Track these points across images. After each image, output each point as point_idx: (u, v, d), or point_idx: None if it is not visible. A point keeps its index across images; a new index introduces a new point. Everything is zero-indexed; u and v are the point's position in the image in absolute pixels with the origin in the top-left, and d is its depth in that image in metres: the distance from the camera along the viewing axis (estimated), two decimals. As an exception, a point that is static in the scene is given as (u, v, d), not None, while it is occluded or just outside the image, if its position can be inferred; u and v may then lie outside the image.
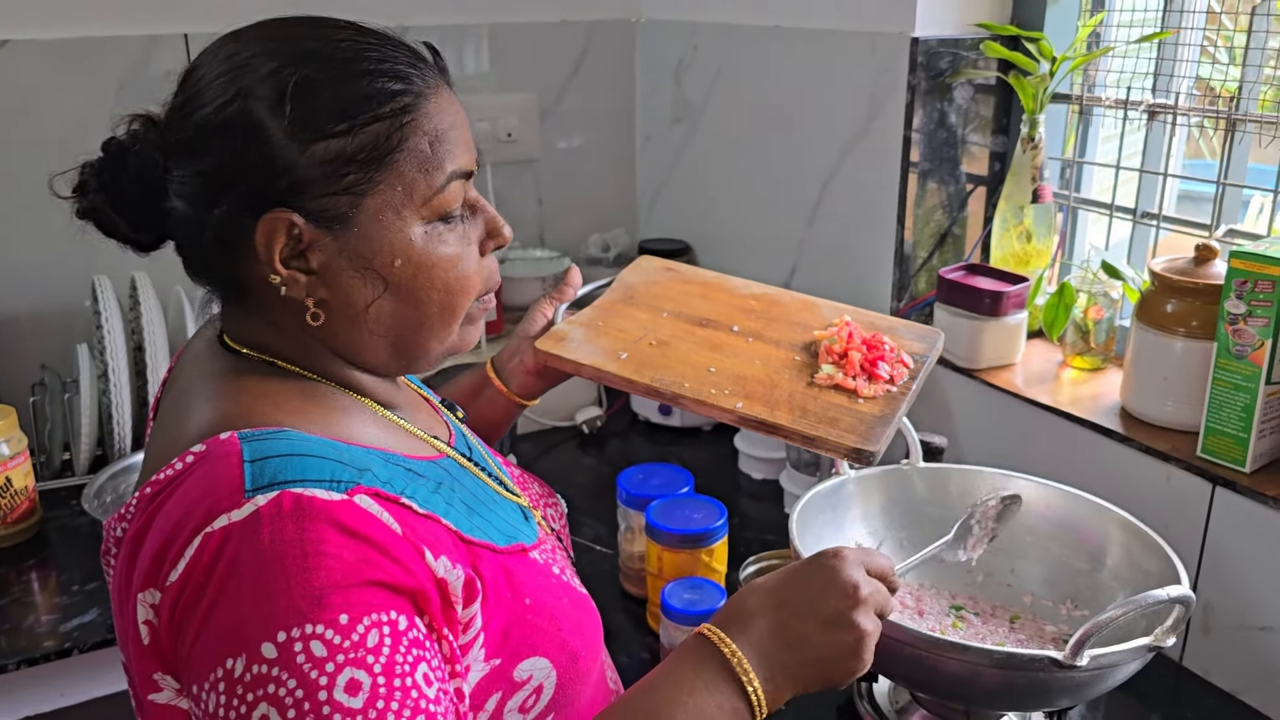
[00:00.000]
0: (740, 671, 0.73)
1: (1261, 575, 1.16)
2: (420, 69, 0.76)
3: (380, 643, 0.63)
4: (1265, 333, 1.13)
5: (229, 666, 0.61)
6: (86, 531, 1.47)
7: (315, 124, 0.70)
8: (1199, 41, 1.43)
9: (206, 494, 0.66)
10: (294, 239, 0.72)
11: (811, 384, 1.03)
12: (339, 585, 0.63)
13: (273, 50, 0.72)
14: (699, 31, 1.98)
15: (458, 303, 0.78)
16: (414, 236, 0.74)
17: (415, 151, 0.73)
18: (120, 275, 1.68)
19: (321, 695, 0.60)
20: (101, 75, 1.71)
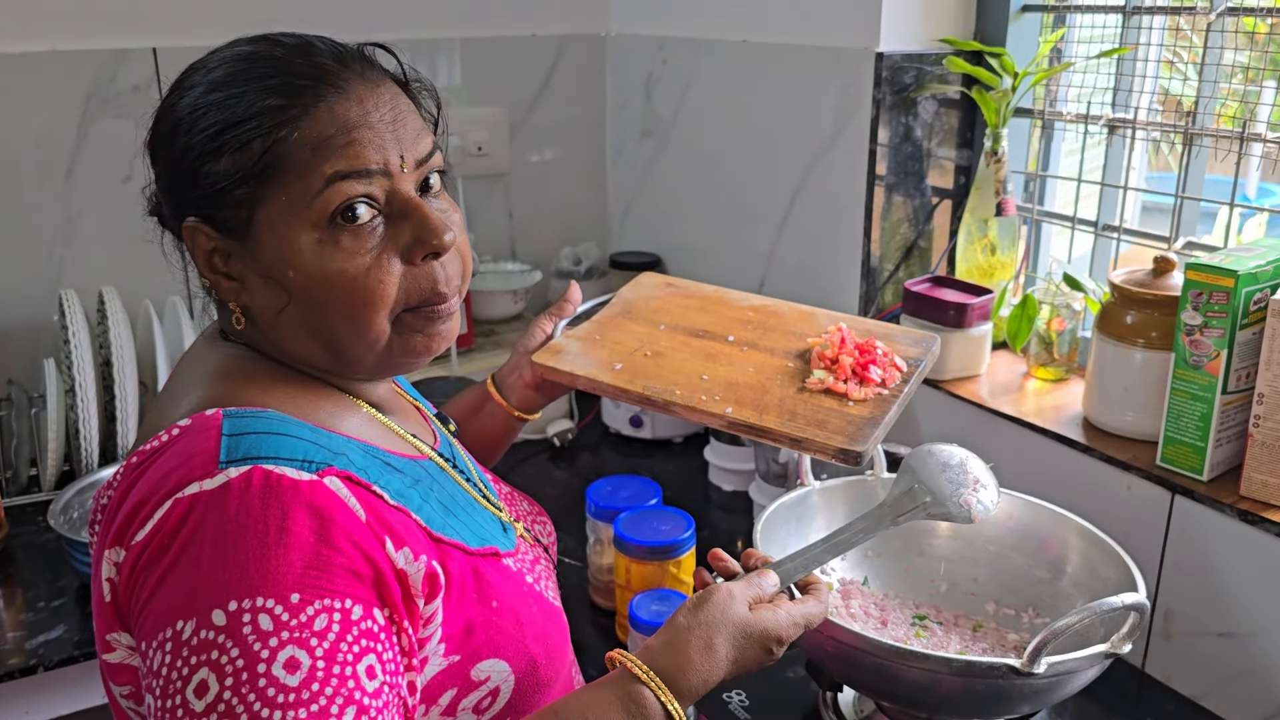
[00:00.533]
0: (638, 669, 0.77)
1: (1220, 582, 1.18)
2: (324, 76, 0.75)
3: (328, 627, 0.64)
4: (1221, 344, 1.15)
5: (178, 628, 0.63)
6: (53, 548, 1.46)
7: (205, 146, 0.74)
8: (1158, 58, 1.45)
9: (183, 462, 0.69)
10: (213, 246, 0.77)
11: (803, 389, 1.04)
12: (296, 565, 0.65)
13: (187, 78, 0.78)
14: (668, 46, 1.99)
15: (361, 315, 0.76)
16: (304, 246, 0.74)
17: (295, 162, 0.74)
18: (88, 290, 1.68)
19: (260, 668, 0.62)
20: (70, 89, 1.71)
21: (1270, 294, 1.14)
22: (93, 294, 1.67)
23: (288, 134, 0.74)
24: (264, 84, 0.75)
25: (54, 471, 1.58)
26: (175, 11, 1.76)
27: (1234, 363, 1.16)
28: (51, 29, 1.69)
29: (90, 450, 1.56)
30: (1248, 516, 1.14)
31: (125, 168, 1.71)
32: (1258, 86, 1.33)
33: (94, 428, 1.55)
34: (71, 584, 1.39)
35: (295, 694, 0.62)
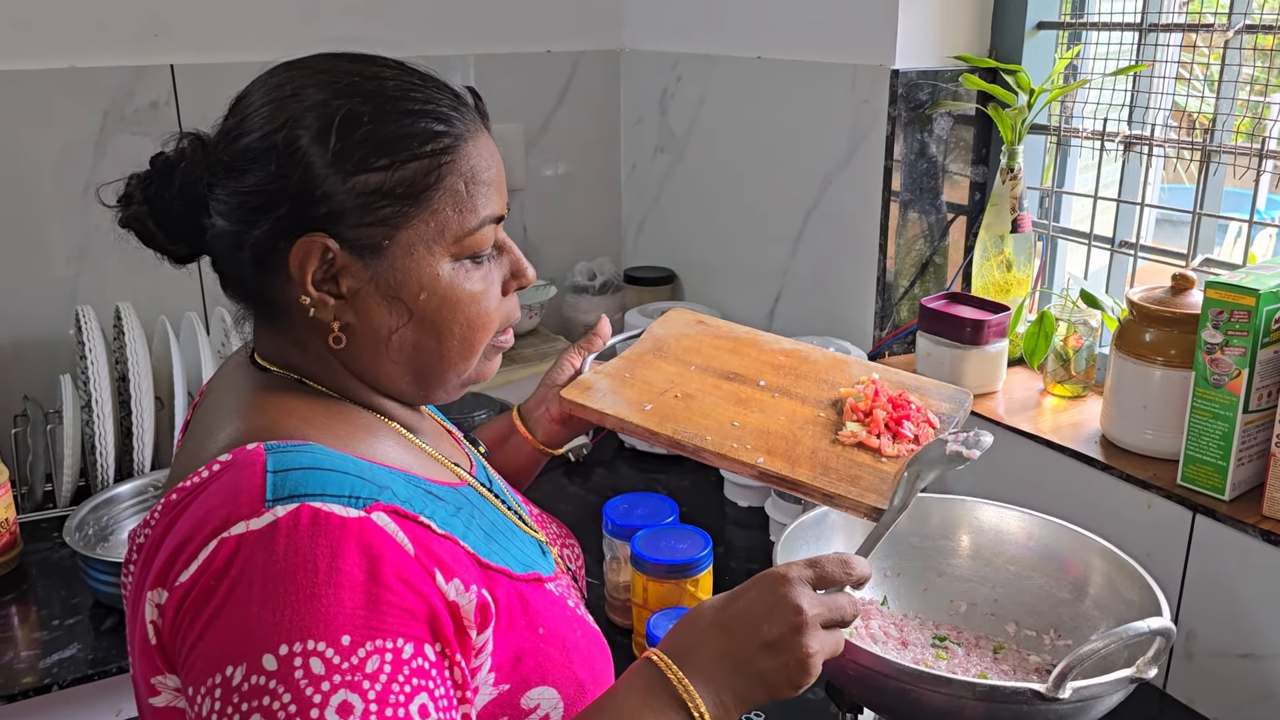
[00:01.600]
0: (687, 698, 0.73)
1: (1242, 602, 1.17)
2: (461, 112, 0.78)
3: (380, 669, 0.63)
4: (1242, 362, 1.14)
5: (228, 674, 0.62)
6: (68, 565, 1.46)
7: (357, 157, 0.73)
8: (1173, 74, 1.45)
9: (227, 500, 0.67)
10: (327, 263, 0.75)
11: (835, 441, 1.01)
12: (346, 605, 0.64)
13: (322, 83, 0.75)
14: (682, 62, 2.00)
15: (477, 338, 0.80)
16: (442, 272, 0.77)
17: (451, 191, 0.76)
18: (105, 306, 1.68)
19: (314, 713, 0.61)
20: (88, 106, 1.72)
21: (1292, 313, 1.13)
22: (109, 310, 1.67)
23: (449, 163, 0.76)
24: (426, 107, 0.76)
25: (69, 488, 1.58)
26: (193, 29, 1.77)
27: (1255, 381, 1.15)
28: (70, 46, 1.70)
29: (106, 466, 1.56)
30: (1270, 537, 1.13)
31: (142, 184, 1.71)
32: (1265, 100, 1.32)
33: (110, 444, 1.55)
34: (86, 602, 1.39)
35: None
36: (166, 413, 1.64)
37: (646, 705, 0.73)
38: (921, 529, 1.19)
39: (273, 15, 1.82)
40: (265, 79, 0.78)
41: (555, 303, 2.20)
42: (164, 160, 0.78)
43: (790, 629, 0.75)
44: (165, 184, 0.77)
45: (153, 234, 0.79)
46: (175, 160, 0.78)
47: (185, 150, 0.77)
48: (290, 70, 0.77)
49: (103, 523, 1.47)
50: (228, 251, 0.77)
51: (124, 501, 1.51)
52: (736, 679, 0.75)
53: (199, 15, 1.77)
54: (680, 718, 0.73)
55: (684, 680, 0.74)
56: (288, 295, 0.76)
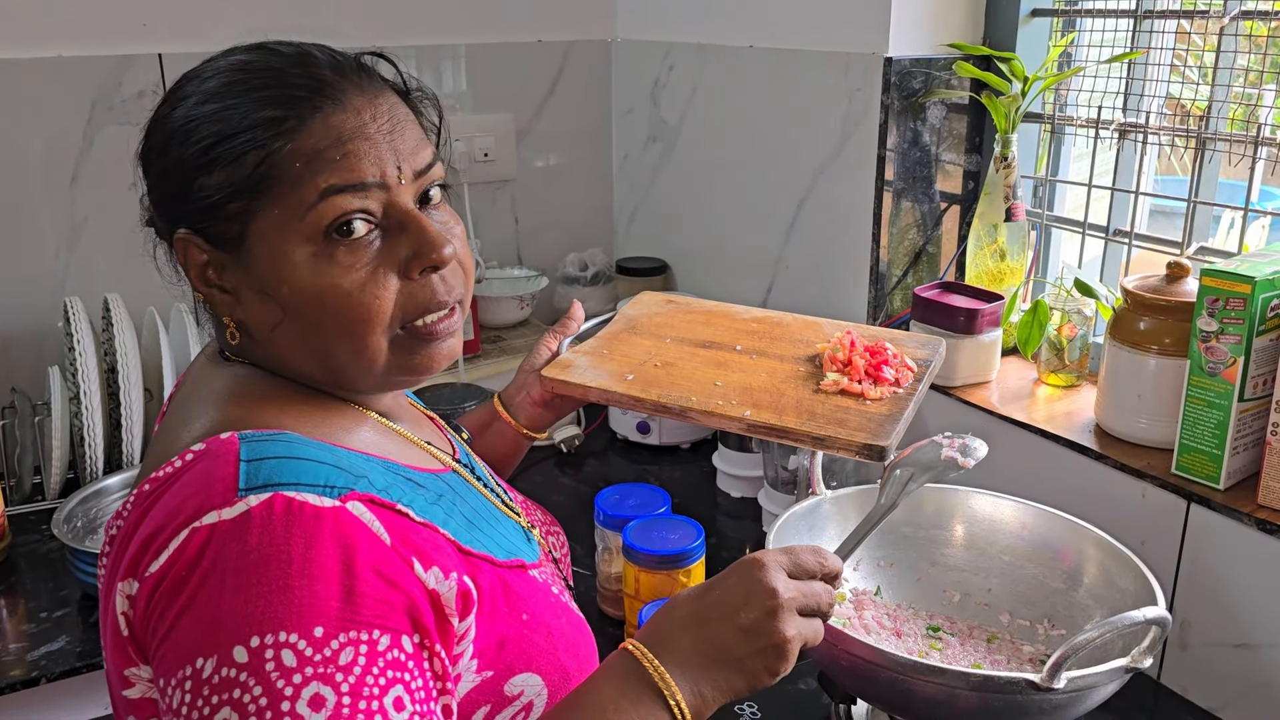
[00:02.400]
0: (663, 687, 0.72)
1: (1237, 592, 1.16)
2: (320, 87, 0.74)
3: (353, 661, 0.62)
4: (1237, 350, 1.14)
5: (198, 666, 0.61)
6: (56, 557, 1.45)
7: (205, 156, 0.73)
8: (1169, 61, 1.44)
9: (199, 489, 0.66)
10: (204, 259, 0.76)
11: (818, 390, 1.04)
12: (320, 597, 0.63)
13: (175, 85, 0.78)
14: (674, 52, 1.98)
15: (356, 332, 0.74)
16: (298, 260, 0.73)
17: (288, 174, 0.72)
18: (93, 296, 1.67)
19: (284, 705, 0.60)
20: (75, 96, 1.70)
21: (1287, 300, 1.13)
22: (98, 301, 1.66)
23: (281, 146, 0.72)
24: (259, 95, 0.73)
25: (58, 480, 1.57)
26: (180, 18, 1.75)
27: (1251, 369, 1.14)
28: (57, 35, 1.68)
29: (95, 458, 1.55)
30: (1266, 526, 1.12)
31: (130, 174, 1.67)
32: (1259, 89, 1.32)
33: (99, 435, 1.54)
34: (74, 594, 1.38)
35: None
36: (155, 404, 1.63)
37: (623, 695, 0.72)
38: (915, 519, 1.18)
39: (259, 4, 1.80)
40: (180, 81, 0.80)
41: (547, 294, 2.19)
42: None
43: (765, 612, 0.75)
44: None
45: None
46: None
47: None
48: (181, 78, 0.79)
49: (91, 515, 1.45)
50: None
51: (113, 493, 1.49)
52: (714, 667, 0.74)
53: (187, 4, 1.75)
54: (657, 707, 0.72)
55: (661, 670, 0.73)
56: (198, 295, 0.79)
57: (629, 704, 0.72)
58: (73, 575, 1.36)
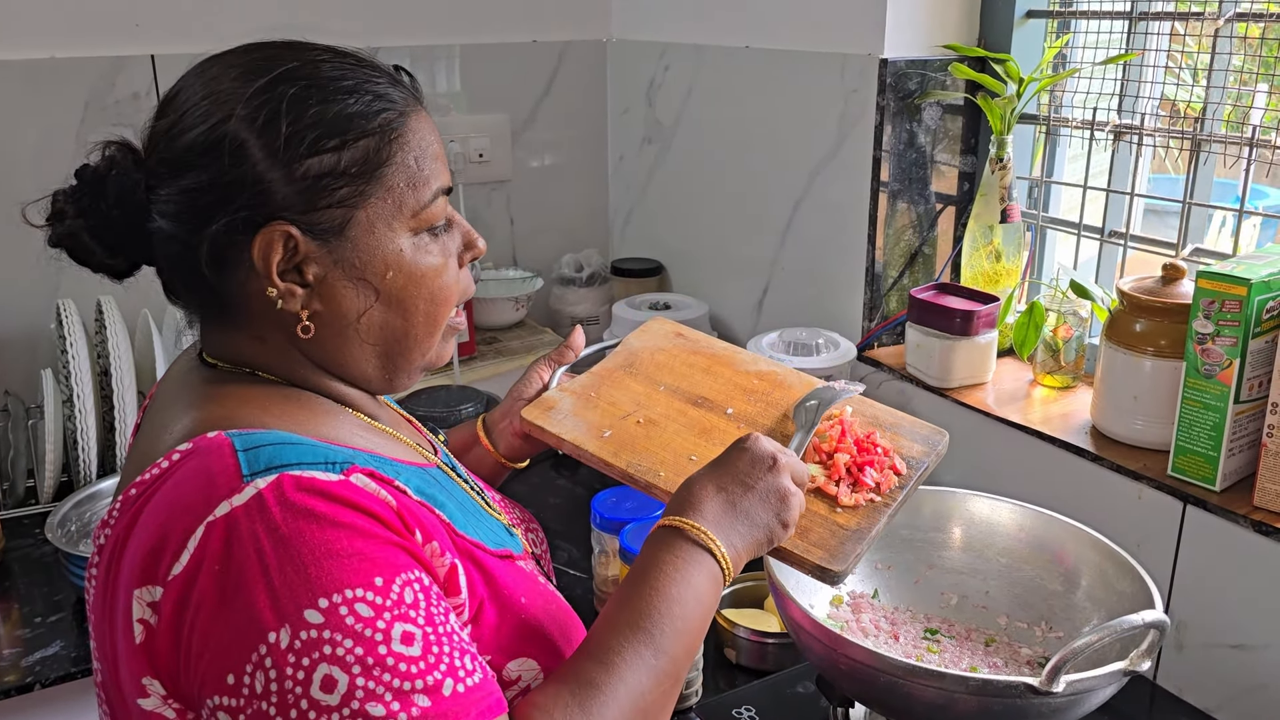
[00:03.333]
0: (707, 540, 0.80)
1: (1233, 593, 1.17)
2: (399, 89, 0.79)
3: (416, 599, 0.66)
4: (1233, 352, 1.14)
5: (272, 640, 0.62)
6: (50, 561, 1.45)
7: (308, 140, 0.72)
8: (1163, 63, 1.44)
9: (201, 485, 0.66)
10: (290, 251, 0.74)
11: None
12: (361, 551, 0.65)
13: (259, 71, 0.74)
14: (670, 52, 1.98)
15: (440, 312, 0.81)
16: (404, 248, 0.77)
17: (403, 166, 0.76)
18: (86, 299, 1.66)
19: (381, 650, 0.62)
20: (68, 97, 1.70)
21: (1283, 302, 1.13)
22: (91, 303, 1.65)
23: (397, 138, 0.76)
24: (365, 85, 0.76)
25: (52, 483, 1.57)
26: (173, 19, 1.75)
27: (1246, 371, 1.14)
28: (50, 37, 1.68)
29: (89, 461, 1.54)
30: (1262, 528, 1.12)
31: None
32: (1252, 89, 1.32)
33: (92, 438, 1.54)
34: (69, 599, 1.37)
35: (423, 660, 0.63)
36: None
37: (678, 557, 0.79)
38: (913, 521, 1.18)
39: (253, 4, 1.80)
40: (195, 74, 0.76)
41: (542, 295, 2.19)
42: (91, 171, 0.75)
43: (769, 473, 0.85)
44: (98, 195, 0.74)
45: (89, 249, 0.76)
46: (104, 169, 0.74)
47: (114, 157, 0.75)
48: (220, 62, 0.76)
49: (85, 519, 1.45)
50: (177, 254, 0.74)
51: (107, 497, 1.49)
52: (737, 523, 0.83)
53: (179, 4, 1.75)
54: (708, 558, 0.80)
55: (699, 528, 0.80)
56: (248, 290, 0.75)
57: (684, 562, 0.79)
58: (67, 580, 1.35)
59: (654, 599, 0.76)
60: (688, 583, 0.78)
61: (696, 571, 0.79)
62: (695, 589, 0.78)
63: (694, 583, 0.78)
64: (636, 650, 0.74)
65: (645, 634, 0.75)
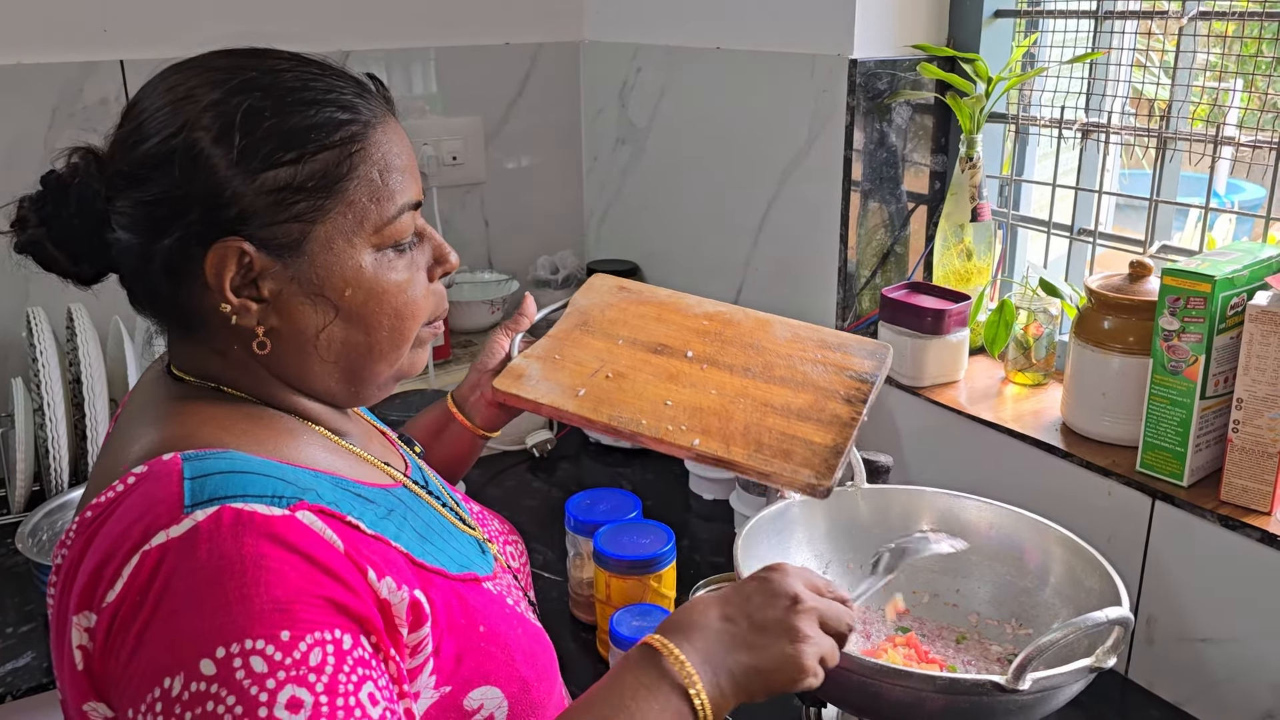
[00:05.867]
0: (684, 675, 0.73)
1: (1201, 587, 1.18)
2: (366, 99, 0.76)
3: (324, 661, 0.62)
4: (1199, 349, 1.15)
5: (166, 685, 0.60)
6: (21, 572, 1.44)
7: (263, 153, 0.71)
8: (1130, 61, 1.45)
9: (144, 512, 0.65)
10: (245, 267, 0.72)
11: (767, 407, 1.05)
12: (280, 601, 0.62)
13: (218, 81, 0.72)
14: (642, 53, 1.98)
15: (407, 328, 0.79)
16: (364, 264, 0.75)
17: (365, 180, 0.74)
18: (56, 307, 1.65)
19: (262, 712, 0.59)
20: (35, 103, 1.68)
21: (1247, 298, 1.14)
22: (61, 311, 1.64)
23: (359, 151, 0.74)
24: (328, 96, 0.74)
25: (23, 493, 1.55)
26: (143, 24, 1.74)
27: (1212, 368, 1.16)
28: (16, 42, 1.66)
29: (60, 470, 1.53)
30: (1228, 522, 1.13)
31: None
32: (1228, 86, 1.33)
33: (64, 447, 1.52)
34: (40, 609, 1.36)
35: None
36: (122, 415, 1.61)
37: (642, 684, 0.73)
38: (883, 520, 1.19)
39: (224, 9, 1.79)
40: (156, 82, 0.75)
41: (518, 297, 2.18)
42: (55, 178, 0.74)
43: (786, 613, 0.77)
44: (61, 203, 0.74)
45: (53, 257, 0.75)
46: (68, 177, 0.74)
47: (78, 165, 0.74)
48: (181, 71, 0.74)
49: (56, 528, 1.44)
50: (136, 265, 0.74)
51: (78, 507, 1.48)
52: (732, 661, 0.76)
53: (149, 9, 1.74)
54: (676, 696, 0.73)
55: (680, 657, 0.74)
56: (205, 304, 0.73)
57: (648, 693, 0.73)
58: (39, 590, 1.35)
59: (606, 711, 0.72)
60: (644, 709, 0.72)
61: (659, 709, 0.72)
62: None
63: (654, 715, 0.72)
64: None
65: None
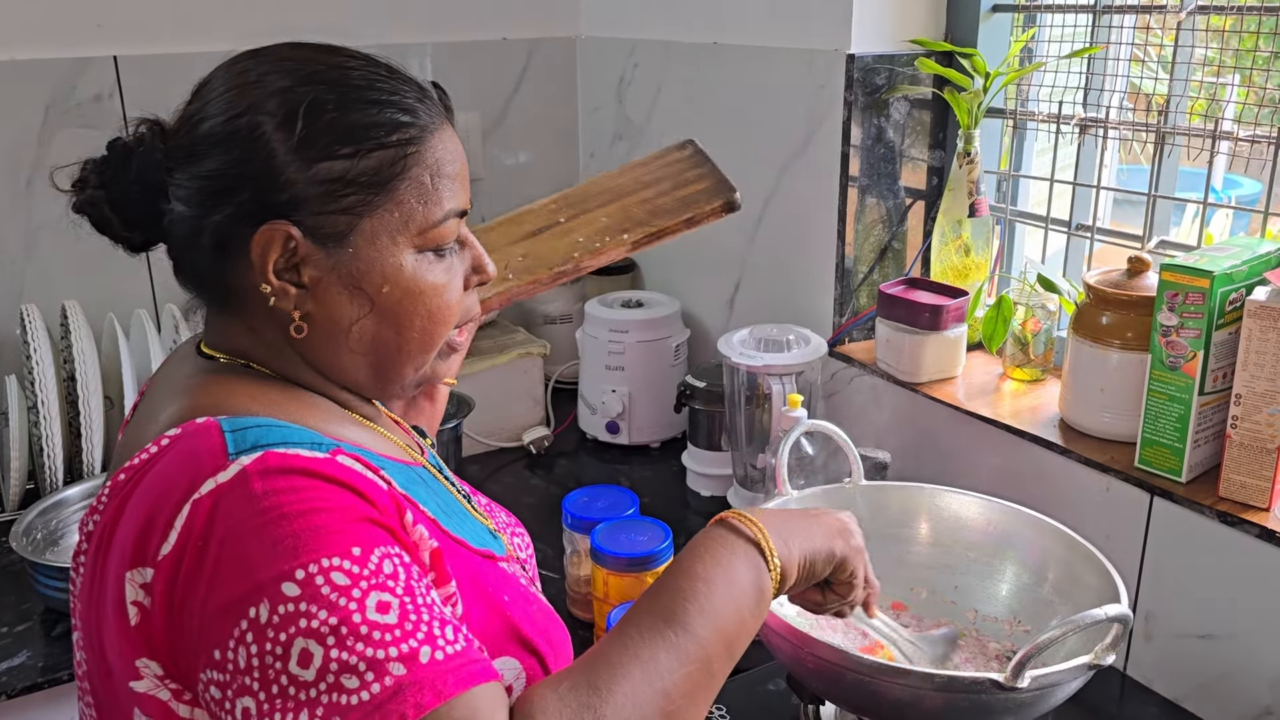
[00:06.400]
0: (754, 530, 0.79)
1: (1200, 583, 1.17)
2: (426, 104, 0.78)
3: (395, 570, 0.65)
4: (1197, 344, 1.15)
5: (252, 615, 0.61)
6: (16, 570, 1.43)
7: (322, 144, 0.73)
8: (1128, 56, 1.45)
9: (187, 465, 0.66)
10: (289, 251, 0.74)
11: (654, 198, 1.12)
12: (342, 524, 0.64)
13: (287, 69, 0.75)
14: (639, 49, 1.98)
15: (437, 331, 0.80)
16: (405, 263, 0.76)
17: (416, 182, 0.76)
18: (51, 304, 1.64)
19: (355, 618, 0.61)
20: (29, 99, 1.68)
21: (1246, 294, 1.13)
22: (55, 308, 1.63)
23: (414, 154, 0.75)
24: (391, 98, 0.75)
25: (17, 491, 1.55)
26: (136, 19, 1.73)
27: (1211, 363, 1.15)
28: (9, 38, 1.65)
29: (55, 468, 1.52)
30: (1227, 518, 1.13)
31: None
32: (1226, 81, 1.33)
33: (58, 445, 1.52)
34: (36, 608, 1.35)
35: (399, 628, 0.62)
36: (116, 412, 1.61)
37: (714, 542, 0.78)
38: (881, 516, 1.18)
39: (219, 4, 1.78)
40: (228, 66, 0.77)
41: (515, 293, 2.18)
42: (121, 145, 0.77)
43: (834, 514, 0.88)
44: (122, 169, 0.76)
45: (108, 220, 0.77)
46: (133, 145, 0.77)
47: (144, 135, 0.77)
48: (254, 58, 0.77)
49: (51, 527, 1.43)
50: (186, 237, 0.76)
51: (73, 504, 1.47)
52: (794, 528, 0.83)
53: (142, 5, 1.73)
54: (747, 548, 0.78)
55: (750, 519, 0.79)
56: (247, 283, 0.75)
57: (718, 546, 0.77)
58: (33, 588, 1.34)
59: (680, 579, 0.75)
60: (719, 564, 0.76)
61: (733, 556, 0.77)
62: (729, 571, 0.76)
63: (728, 565, 0.76)
64: (655, 627, 0.71)
65: (667, 610, 0.72)
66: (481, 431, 1.84)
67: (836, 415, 1.64)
